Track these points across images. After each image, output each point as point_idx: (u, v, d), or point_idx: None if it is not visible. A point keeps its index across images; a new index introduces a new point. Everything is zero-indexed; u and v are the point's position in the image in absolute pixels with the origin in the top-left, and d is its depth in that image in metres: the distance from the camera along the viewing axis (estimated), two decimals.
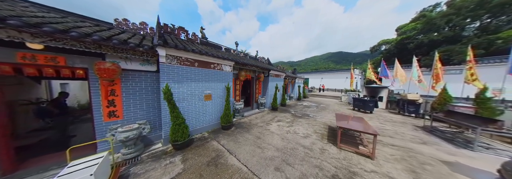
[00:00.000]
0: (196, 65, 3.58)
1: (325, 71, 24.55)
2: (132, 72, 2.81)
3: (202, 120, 3.87)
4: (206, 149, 3.00)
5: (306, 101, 11.53)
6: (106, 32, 2.47)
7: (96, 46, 2.20)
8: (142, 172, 2.24)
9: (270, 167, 2.41)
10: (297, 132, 4.07)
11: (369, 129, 2.92)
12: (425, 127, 4.86)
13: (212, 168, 2.38)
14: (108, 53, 2.39)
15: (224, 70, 4.40)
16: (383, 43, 20.47)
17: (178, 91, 3.25)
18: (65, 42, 1.95)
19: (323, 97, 14.18)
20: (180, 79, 3.26)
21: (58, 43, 1.91)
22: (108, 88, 2.51)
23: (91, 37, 2.01)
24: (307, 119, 5.61)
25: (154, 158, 2.64)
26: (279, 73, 8.26)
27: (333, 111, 7.47)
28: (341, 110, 7.69)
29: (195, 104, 3.63)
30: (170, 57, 3.05)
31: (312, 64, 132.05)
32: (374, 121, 5.66)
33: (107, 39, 2.17)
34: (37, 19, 1.82)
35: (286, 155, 2.80)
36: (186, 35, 4.69)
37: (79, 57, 2.24)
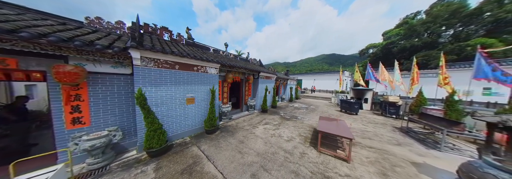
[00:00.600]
0: (177, 68, 3.45)
1: (318, 73, 25.25)
2: (103, 75, 2.62)
3: (184, 124, 3.74)
4: (184, 156, 2.89)
5: (297, 102, 11.71)
6: (70, 32, 2.27)
7: (55, 48, 2.02)
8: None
9: (246, 174, 2.37)
10: (281, 136, 4.09)
11: (346, 133, 3.01)
12: (402, 128, 5.16)
13: (185, 176, 2.28)
14: (70, 56, 2.20)
15: (209, 73, 4.30)
16: (370, 47, 21.61)
17: (156, 95, 3.10)
18: (14, 43, 1.76)
19: (315, 98, 14.53)
20: (158, 82, 3.11)
21: (4, 45, 1.72)
22: (71, 93, 2.31)
23: (47, 38, 1.83)
24: (295, 121, 5.68)
25: (125, 167, 2.48)
26: (269, 75, 8.30)
27: (322, 112, 7.66)
28: (329, 112, 7.91)
29: (175, 108, 3.49)
30: (146, 60, 2.90)
31: (307, 65, 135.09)
32: (357, 122, 5.88)
33: (67, 41, 1.99)
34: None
35: (265, 160, 2.79)
36: (170, 35, 4.52)
37: (36, 60, 2.04)
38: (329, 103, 11.62)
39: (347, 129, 3.28)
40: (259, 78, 7.26)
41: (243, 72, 6.45)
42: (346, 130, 3.19)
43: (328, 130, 3.17)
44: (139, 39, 2.79)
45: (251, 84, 7.31)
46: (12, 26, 1.72)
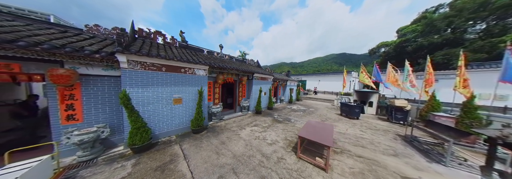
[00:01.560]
0: (163, 70, 3.66)
1: (323, 74, 24.14)
2: (94, 77, 2.92)
3: (171, 123, 3.94)
4: (164, 153, 3.05)
5: (297, 104, 11.40)
6: (66, 39, 2.60)
7: (50, 54, 2.32)
8: (88, 175, 2.32)
9: (214, 175, 2.41)
10: (266, 138, 4.04)
11: (326, 139, 2.86)
12: (406, 137, 4.67)
13: (157, 173, 2.42)
14: (64, 60, 2.51)
15: (197, 74, 4.46)
16: (382, 45, 19.85)
17: (142, 95, 3.34)
18: (16, 50, 2.07)
19: (317, 100, 13.97)
20: (145, 84, 3.35)
21: (8, 52, 2.04)
22: (65, 93, 2.63)
23: (41, 46, 2.12)
24: (286, 124, 5.55)
25: (109, 161, 2.72)
26: (265, 76, 8.25)
27: (319, 115, 7.35)
28: (328, 115, 7.54)
29: (162, 108, 3.70)
30: (133, 63, 3.15)
31: (315, 65, 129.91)
32: (355, 128, 5.50)
33: (59, 47, 2.28)
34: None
35: (239, 163, 2.80)
36: (163, 39, 4.82)
37: (35, 64, 2.38)
38: (331, 106, 11.06)
39: (329, 135, 3.10)
40: (253, 80, 7.26)
41: (236, 74, 6.53)
42: (328, 136, 3.02)
43: (307, 135, 3.04)
44: (126, 44, 3.04)
45: (245, 86, 7.35)
46: (14, 36, 2.04)
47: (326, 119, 6.71)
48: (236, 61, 7.90)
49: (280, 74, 13.50)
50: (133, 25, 3.97)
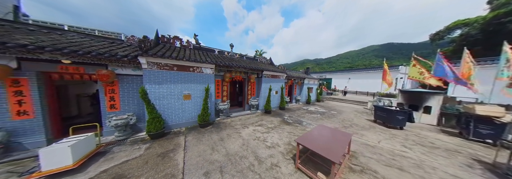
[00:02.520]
0: (175, 69, 4.17)
1: (356, 70, 19.69)
2: (126, 76, 3.74)
3: (181, 116, 4.45)
4: (170, 142, 3.47)
5: (317, 105, 10.01)
6: (108, 48, 3.46)
7: (96, 59, 3.16)
8: (116, 151, 3.00)
9: (201, 170, 2.46)
10: (266, 140, 3.75)
11: (333, 151, 2.23)
12: (496, 165, 2.93)
13: (159, 158, 2.76)
14: (107, 64, 3.36)
15: (204, 73, 4.79)
16: (456, 26, 13.28)
17: (158, 91, 3.95)
18: (79, 58, 2.96)
19: (345, 102, 11.68)
20: (160, 81, 3.94)
21: (75, 59, 2.95)
22: (108, 88, 3.52)
23: (90, 54, 2.92)
24: (295, 127, 4.95)
25: (132, 142, 3.41)
26: (277, 74, 7.74)
27: (341, 120, 6.07)
28: (355, 121, 6.08)
29: (173, 102, 4.25)
30: (151, 64, 3.77)
31: (346, 61, 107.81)
32: (394, 141, 4.09)
33: (102, 54, 3.06)
34: (65, 44, 2.90)
35: (229, 162, 2.72)
36: (180, 43, 5.51)
37: (92, 67, 3.31)
38: (363, 109, 8.88)
39: (341, 147, 2.41)
40: (263, 77, 6.98)
41: (244, 72, 6.52)
42: (339, 148, 2.35)
43: (308, 142, 2.51)
44: (147, 49, 3.68)
45: (255, 84, 7.21)
46: (78, 48, 2.92)
47: (350, 125, 5.42)
48: (246, 59, 7.89)
49: (296, 72, 12.33)
50: (157, 33, 4.79)
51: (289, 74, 9.12)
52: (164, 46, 4.85)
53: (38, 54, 2.67)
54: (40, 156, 2.08)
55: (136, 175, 2.28)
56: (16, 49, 2.48)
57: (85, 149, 2.58)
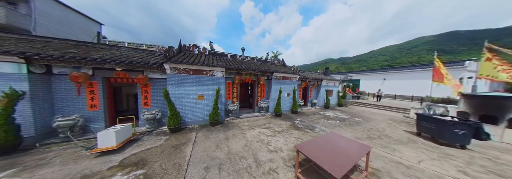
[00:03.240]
0: (191, 73, 4.81)
1: (395, 69, 15.72)
2: (156, 79, 4.64)
3: (195, 114, 5.02)
4: (184, 137, 3.98)
5: (337, 110, 8.82)
6: (144, 58, 4.43)
7: (137, 67, 4.11)
8: (145, 140, 3.72)
9: (204, 164, 2.69)
10: (269, 144, 3.66)
11: (338, 165, 1.93)
12: None
13: (172, 149, 3.23)
14: (143, 70, 4.30)
15: (215, 76, 5.25)
16: None
17: (178, 92, 4.64)
18: (125, 66, 3.96)
19: (376, 108, 9.71)
20: (179, 84, 4.64)
21: (123, 67, 3.95)
22: (143, 89, 4.46)
23: (132, 63, 3.84)
24: (305, 133, 4.57)
25: (157, 134, 4.14)
26: (288, 75, 7.43)
27: (368, 129, 5.10)
28: (387, 131, 4.97)
29: (189, 102, 4.86)
30: (173, 69, 4.52)
31: (383, 58, 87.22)
32: (447, 163, 3.05)
33: (139, 62, 3.96)
34: (118, 57, 3.94)
35: (228, 160, 2.84)
36: (198, 50, 6.30)
37: (134, 73, 4.32)
38: (403, 118, 7.09)
39: (350, 160, 2.05)
40: (273, 79, 6.88)
41: (254, 74, 6.65)
42: (346, 161, 2.02)
43: (308, 150, 2.28)
44: (170, 57, 4.45)
45: (265, 86, 7.19)
46: (125, 59, 3.91)
47: (378, 136, 4.46)
48: (257, 61, 8.03)
49: (312, 73, 11.36)
50: (180, 43, 5.70)
51: (303, 76, 8.56)
52: (184, 53, 5.70)
53: (102, 64, 3.77)
54: (98, 137, 2.89)
55: (154, 161, 2.76)
56: (91, 62, 3.59)
57: (124, 136, 3.36)
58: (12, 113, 2.85)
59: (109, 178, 2.25)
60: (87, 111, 3.92)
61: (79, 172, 2.39)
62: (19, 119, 2.98)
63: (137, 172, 2.41)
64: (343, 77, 20.88)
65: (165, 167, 2.58)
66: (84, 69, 3.76)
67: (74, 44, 4.29)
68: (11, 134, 2.81)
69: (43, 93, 3.40)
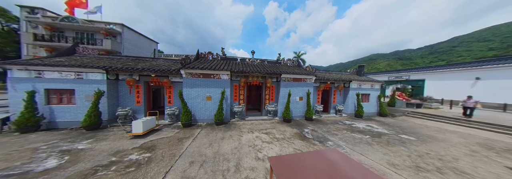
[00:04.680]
0: (201, 76, 5.54)
1: (502, 60, 9.60)
2: (176, 82, 5.76)
3: (204, 113, 5.67)
4: (190, 132, 4.60)
5: (375, 121, 6.78)
6: (170, 66, 5.65)
7: (163, 73, 5.32)
8: (164, 130, 4.67)
9: (191, 158, 2.99)
10: (260, 151, 3.43)
11: None
12: None
13: (177, 141, 3.84)
14: (168, 75, 5.49)
15: (221, 79, 5.72)
16: None
17: (190, 93, 5.49)
18: (156, 73, 5.25)
19: (452, 122, 6.50)
20: (192, 86, 5.48)
21: (154, 73, 5.26)
22: (168, 90, 5.67)
23: (159, 70, 5.04)
24: (309, 145, 3.87)
25: (173, 127, 5.06)
26: (300, 77, 6.69)
27: (417, 155, 3.55)
28: (462, 163, 3.23)
29: (199, 102, 5.58)
30: (188, 74, 5.42)
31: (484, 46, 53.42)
32: None
33: (164, 70, 5.11)
34: (153, 67, 5.31)
35: (211, 160, 2.96)
36: (212, 56, 7.17)
37: (162, 77, 5.62)
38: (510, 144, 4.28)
39: None
40: (281, 81, 6.45)
41: (262, 76, 6.57)
42: None
43: (284, 167, 1.90)
44: (186, 63, 5.40)
45: (274, 88, 6.87)
46: (156, 67, 5.19)
47: (438, 169, 2.95)
48: (267, 63, 7.88)
49: (338, 73, 9.43)
50: (198, 52, 6.77)
51: (322, 77, 7.38)
52: (200, 60, 6.68)
53: (142, 72, 5.21)
54: (132, 124, 4.00)
55: (160, 148, 3.41)
56: (137, 71, 5.08)
57: (150, 125, 4.40)
58: (98, 104, 4.58)
59: (129, 156, 3.04)
60: (135, 105, 5.52)
61: (117, 147, 3.40)
62: (101, 108, 4.72)
63: (146, 155, 3.08)
64: (394, 77, 15.77)
65: (164, 155, 3.11)
66: (134, 76, 5.38)
67: (132, 59, 6.27)
68: (97, 118, 4.51)
69: (113, 92, 5.20)
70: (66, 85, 4.68)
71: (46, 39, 9.87)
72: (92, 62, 5.26)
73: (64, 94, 4.78)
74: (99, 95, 4.55)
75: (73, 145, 3.47)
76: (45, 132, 4.34)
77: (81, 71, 4.74)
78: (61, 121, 4.66)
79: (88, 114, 4.38)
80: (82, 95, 4.77)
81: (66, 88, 4.70)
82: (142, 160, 2.89)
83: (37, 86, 4.50)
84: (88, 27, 10.54)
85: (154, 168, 2.60)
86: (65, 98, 4.80)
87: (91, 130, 4.47)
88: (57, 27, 10.33)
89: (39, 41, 9.86)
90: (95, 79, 4.86)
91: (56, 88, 4.66)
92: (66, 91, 4.76)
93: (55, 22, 9.85)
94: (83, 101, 4.76)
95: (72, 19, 10.11)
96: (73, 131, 4.45)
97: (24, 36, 9.89)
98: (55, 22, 9.85)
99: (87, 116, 4.37)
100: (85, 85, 4.78)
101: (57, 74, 4.62)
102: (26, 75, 4.46)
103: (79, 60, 5.34)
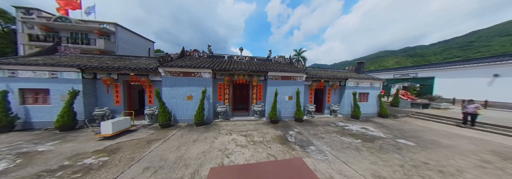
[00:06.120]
0: (181, 75, 5.29)
1: None
2: (157, 81, 5.54)
3: (185, 114, 5.43)
4: (165, 133, 4.37)
5: (373, 123, 6.31)
6: (150, 64, 5.44)
7: (142, 72, 5.12)
8: (139, 131, 4.47)
9: (147, 164, 2.74)
10: (229, 156, 3.11)
11: None
12: None
13: (145, 143, 3.61)
14: (148, 74, 5.29)
15: (203, 77, 5.45)
16: None
17: (170, 92, 5.26)
18: (134, 72, 5.05)
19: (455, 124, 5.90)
20: (172, 85, 5.25)
21: (132, 71, 5.06)
22: (148, 89, 5.48)
23: (136, 69, 4.83)
24: (287, 150, 3.53)
25: (151, 128, 4.85)
26: (289, 75, 6.30)
27: (413, 165, 3.13)
28: (469, 176, 2.79)
29: (180, 102, 5.35)
30: (167, 72, 5.19)
31: (507, 40, 49.04)
32: None
33: (140, 68, 4.90)
34: (131, 65, 5.12)
35: (170, 166, 2.69)
36: (198, 54, 6.91)
37: (142, 76, 5.42)
38: None
39: None
40: (268, 80, 6.10)
41: (248, 74, 6.24)
42: None
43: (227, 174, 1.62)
44: (164, 61, 5.16)
45: (262, 87, 6.52)
46: (135, 65, 4.99)
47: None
48: (257, 61, 7.53)
49: (333, 70, 8.91)
50: (183, 49, 6.53)
51: (313, 74, 6.94)
52: (185, 58, 6.44)
53: (120, 70, 5.03)
54: (101, 125, 3.82)
55: (123, 151, 3.20)
56: (113, 69, 4.90)
57: (121, 126, 4.21)
58: (72, 104, 4.45)
59: (84, 160, 2.84)
60: (114, 105, 5.38)
61: (79, 149, 3.22)
62: (75, 108, 4.59)
63: (103, 159, 2.87)
64: (400, 75, 14.87)
65: (122, 159, 2.89)
66: (112, 75, 5.22)
67: (114, 58, 6.12)
68: (71, 118, 4.39)
69: (90, 91, 5.07)
70: (40, 84, 4.58)
71: (41, 40, 10.02)
72: (70, 61, 5.15)
73: (39, 93, 4.70)
74: (73, 94, 4.42)
75: (35, 147, 3.33)
76: (19, 132, 4.27)
77: (55, 70, 4.62)
78: (37, 121, 4.58)
79: (61, 114, 4.25)
80: (57, 95, 4.67)
81: (40, 87, 4.61)
82: (96, 164, 2.68)
83: (11, 86, 4.43)
84: (81, 27, 10.61)
85: (101, 175, 2.37)
86: (40, 98, 4.71)
87: (65, 130, 4.35)
88: (51, 27, 10.46)
89: (34, 41, 10.03)
90: (70, 79, 4.73)
91: (31, 88, 4.58)
92: (41, 90, 4.67)
93: (49, 22, 9.97)
94: (58, 101, 4.65)
95: (65, 19, 10.19)
96: (47, 131, 4.35)
97: (20, 37, 10.09)
98: (49, 23, 9.97)
99: (60, 116, 4.25)
100: (60, 85, 4.67)
101: (31, 73, 4.53)
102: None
103: (57, 59, 5.25)
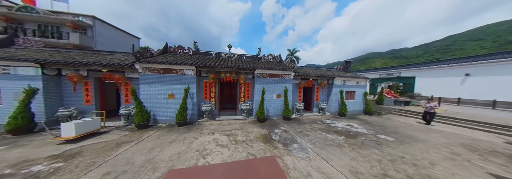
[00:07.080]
0: (161, 72, 4.94)
1: (492, 56, 9.05)
2: (133, 79, 5.12)
3: (166, 113, 5.09)
4: (140, 134, 4.01)
5: (358, 120, 6.50)
6: (125, 60, 5.00)
7: (117, 68, 4.67)
8: (110, 133, 4.06)
9: (110, 168, 2.44)
10: (205, 157, 2.91)
11: None
12: None
13: (113, 146, 3.25)
14: (124, 70, 4.84)
15: (186, 74, 5.15)
16: None
17: (149, 90, 4.88)
18: (106, 68, 4.59)
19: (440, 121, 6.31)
20: (151, 83, 4.87)
21: (104, 67, 4.60)
22: (125, 87, 5.03)
23: (109, 64, 4.39)
24: (270, 148, 3.44)
25: (126, 129, 4.44)
26: (278, 73, 6.25)
27: (390, 160, 3.22)
28: (439, 168, 2.91)
29: (160, 101, 5.00)
30: (145, 69, 4.81)
31: (477, 45, 51.72)
32: None
33: (113, 64, 4.47)
34: (104, 61, 4.64)
35: (136, 170, 2.44)
36: (183, 50, 6.55)
37: (117, 73, 4.96)
38: (500, 144, 4.05)
39: None
40: (255, 78, 5.98)
41: (236, 72, 6.06)
42: None
43: None
44: (141, 57, 4.77)
45: (250, 85, 6.39)
46: (107, 61, 4.53)
47: (409, 177, 2.61)
48: (246, 58, 7.38)
49: (321, 69, 9.12)
50: (166, 45, 6.14)
51: (301, 73, 6.98)
52: (168, 54, 6.06)
53: (89, 66, 4.54)
54: (61, 127, 3.37)
55: (84, 155, 2.83)
56: (81, 65, 4.40)
57: (89, 128, 3.78)
58: (28, 104, 3.89)
59: (32, 167, 2.45)
60: (84, 105, 4.85)
61: (29, 155, 2.79)
62: (33, 109, 4.03)
63: (55, 165, 2.50)
64: (385, 74, 15.76)
65: (80, 164, 2.54)
66: (81, 71, 4.70)
67: (85, 53, 5.54)
68: (26, 120, 3.83)
69: (53, 90, 4.50)
70: None
71: (1, 32, 8.78)
72: (28, 55, 4.52)
73: None
74: (31, 93, 3.86)
75: None
76: None
77: (7, 65, 4.01)
78: None
79: (14, 116, 3.69)
80: (10, 93, 4.06)
81: None
82: (45, 172, 2.32)
83: None
84: (51, 18, 9.51)
85: None
86: None
87: (19, 134, 3.78)
88: (14, 18, 9.23)
89: None
90: (26, 75, 4.15)
91: None
92: None
93: (10, 12, 8.77)
94: (12, 100, 4.04)
95: (31, 9, 9.06)
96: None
97: None
98: (9, 12, 8.77)
99: (13, 118, 3.68)
100: (13, 82, 4.07)
101: None
102: None
103: (11, 53, 4.58)
